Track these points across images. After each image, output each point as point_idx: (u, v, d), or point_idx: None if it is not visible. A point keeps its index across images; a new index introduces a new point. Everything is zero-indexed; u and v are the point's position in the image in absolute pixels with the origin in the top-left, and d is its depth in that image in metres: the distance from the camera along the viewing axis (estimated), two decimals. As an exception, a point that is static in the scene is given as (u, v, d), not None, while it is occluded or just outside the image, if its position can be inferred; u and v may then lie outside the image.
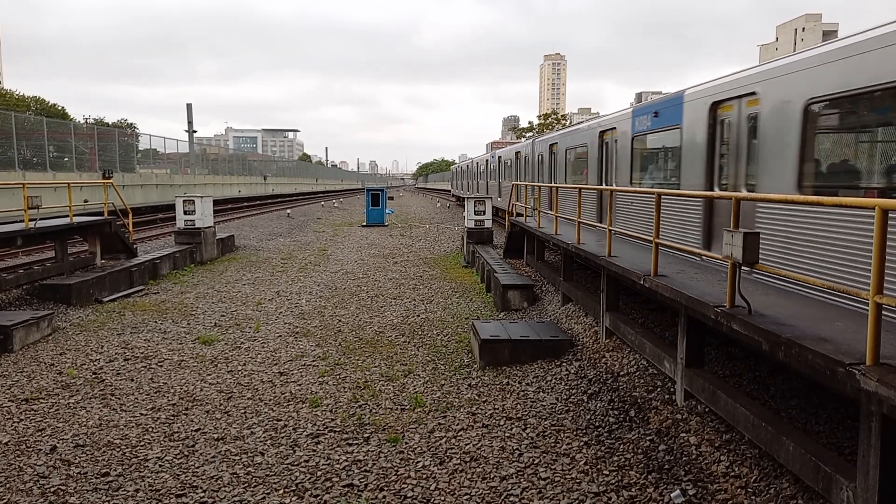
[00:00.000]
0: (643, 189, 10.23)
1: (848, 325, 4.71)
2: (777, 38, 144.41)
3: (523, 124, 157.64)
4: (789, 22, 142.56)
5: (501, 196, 27.19)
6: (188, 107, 45.06)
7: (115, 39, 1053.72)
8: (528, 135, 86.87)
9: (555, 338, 9.18)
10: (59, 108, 50.91)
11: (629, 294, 10.45)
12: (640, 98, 12.27)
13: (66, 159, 28.45)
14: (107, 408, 7.35)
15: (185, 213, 19.40)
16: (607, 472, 5.64)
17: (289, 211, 40.56)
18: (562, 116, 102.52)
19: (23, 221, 12.90)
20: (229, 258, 20.11)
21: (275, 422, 6.97)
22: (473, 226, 20.00)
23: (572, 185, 14.12)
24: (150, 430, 6.74)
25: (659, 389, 7.19)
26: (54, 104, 50.75)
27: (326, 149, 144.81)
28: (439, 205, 57.06)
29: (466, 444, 6.34)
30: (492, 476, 5.68)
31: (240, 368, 8.85)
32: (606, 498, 5.23)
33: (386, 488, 5.49)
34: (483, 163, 36.25)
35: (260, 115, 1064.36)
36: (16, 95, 48.25)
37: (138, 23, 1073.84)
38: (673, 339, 7.82)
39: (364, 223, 33.10)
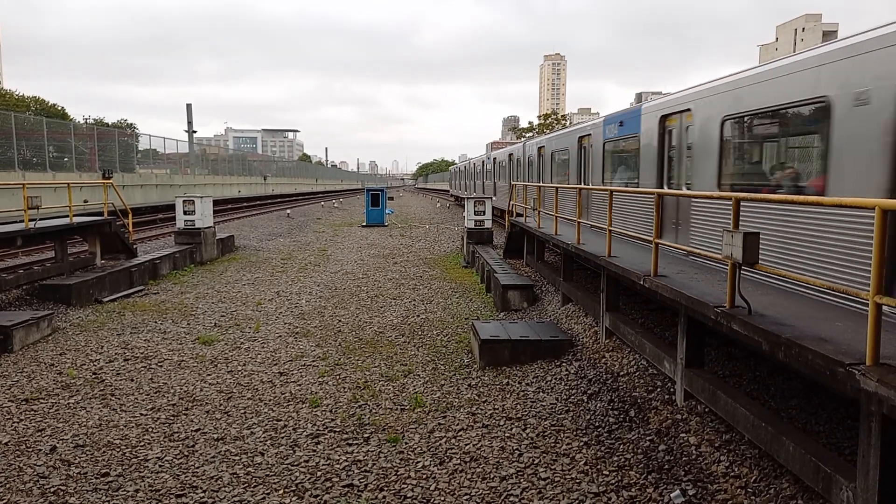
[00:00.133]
0: (615, 188, 11.30)
1: (848, 325, 4.72)
2: (777, 38, 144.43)
3: (523, 124, 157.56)
4: (789, 22, 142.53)
5: (497, 195, 28.59)
6: (188, 107, 45.06)
7: (114, 39, 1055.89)
8: (527, 135, 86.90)
9: (555, 338, 9.19)
10: (59, 108, 50.81)
11: (629, 294, 10.46)
12: (640, 98, 12.40)
13: (65, 159, 28.44)
14: (107, 408, 7.35)
15: (184, 213, 19.40)
16: (607, 473, 5.64)
17: (289, 211, 40.58)
18: (562, 117, 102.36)
19: (23, 221, 12.91)
20: (229, 258, 20.12)
21: (275, 422, 6.97)
22: (473, 226, 20.01)
23: (556, 184, 15.42)
24: (149, 430, 6.74)
25: (659, 389, 7.19)
26: (54, 104, 50.67)
27: (326, 149, 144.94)
28: (439, 205, 57.06)
29: (466, 445, 6.34)
30: (492, 476, 5.68)
31: (240, 369, 8.85)
32: (606, 498, 5.23)
33: (386, 488, 5.50)
34: (480, 164, 37.80)
35: (260, 115, 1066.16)
36: (16, 95, 48.16)
37: (138, 23, 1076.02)
38: (673, 340, 7.82)
39: (364, 223, 33.10)
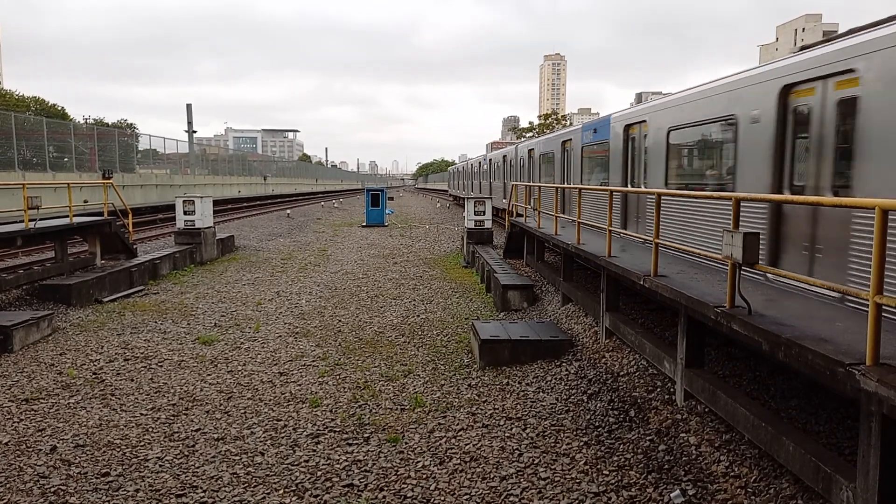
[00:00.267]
0: (591, 186, 13.05)
1: (848, 325, 4.72)
2: (777, 38, 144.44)
3: (523, 124, 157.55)
4: (789, 22, 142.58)
5: (493, 195, 29.79)
6: (188, 107, 45.06)
7: (115, 39, 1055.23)
8: (527, 135, 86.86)
9: (555, 338, 9.19)
10: (59, 108, 50.74)
11: (629, 294, 10.46)
12: (640, 98, 12.51)
13: (65, 159, 28.44)
14: (107, 408, 7.35)
15: (184, 213, 19.40)
16: (607, 472, 5.64)
17: (289, 211, 40.58)
18: (562, 117, 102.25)
19: (23, 221, 12.91)
20: (229, 258, 20.12)
21: (275, 422, 6.97)
22: (473, 226, 20.01)
23: (544, 184, 17.29)
24: (150, 430, 6.74)
25: (659, 389, 7.19)
26: (54, 104, 50.60)
27: (326, 149, 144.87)
28: (439, 205, 57.07)
29: (466, 444, 6.34)
30: (492, 476, 5.68)
31: (240, 369, 8.85)
32: (606, 498, 5.23)
33: (386, 488, 5.50)
34: (476, 165, 39.68)
35: (260, 115, 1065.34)
36: (15, 96, 48.12)
37: (138, 23, 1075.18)
38: (673, 340, 7.82)
39: (364, 223, 33.10)
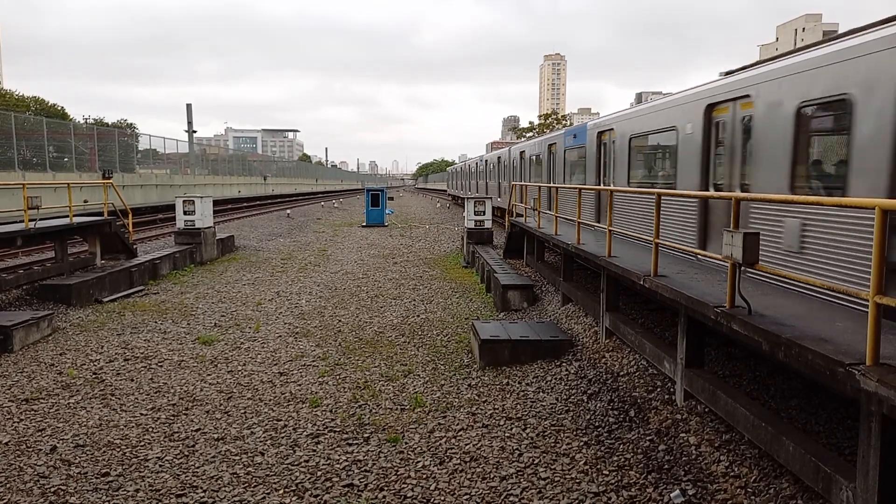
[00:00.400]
0: (572, 185, 14.75)
1: (848, 326, 4.72)
2: (777, 38, 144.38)
3: (524, 124, 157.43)
4: (789, 22, 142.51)
5: (489, 194, 31.07)
6: (188, 107, 45.06)
7: (114, 39, 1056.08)
8: (528, 134, 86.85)
9: (555, 338, 9.19)
10: (59, 108, 50.76)
11: (629, 294, 10.46)
12: (640, 98, 12.68)
13: (65, 159, 28.43)
14: (107, 408, 7.35)
15: (184, 213, 19.39)
16: (607, 472, 5.64)
17: (289, 211, 40.58)
18: (562, 117, 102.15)
19: (23, 221, 12.91)
20: (229, 258, 20.12)
21: (275, 422, 6.97)
22: (473, 226, 20.01)
23: (533, 183, 18.91)
24: (150, 430, 6.74)
25: (659, 389, 7.19)
26: (54, 104, 50.60)
27: (326, 149, 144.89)
28: (439, 205, 57.07)
29: (466, 444, 6.35)
30: (492, 476, 5.68)
31: (240, 369, 8.85)
32: (606, 498, 5.23)
33: (386, 488, 5.50)
34: (474, 165, 41.43)
35: (260, 115, 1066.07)
36: (15, 96, 48.11)
37: (138, 23, 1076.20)
38: (673, 340, 7.82)
39: (364, 223, 33.10)
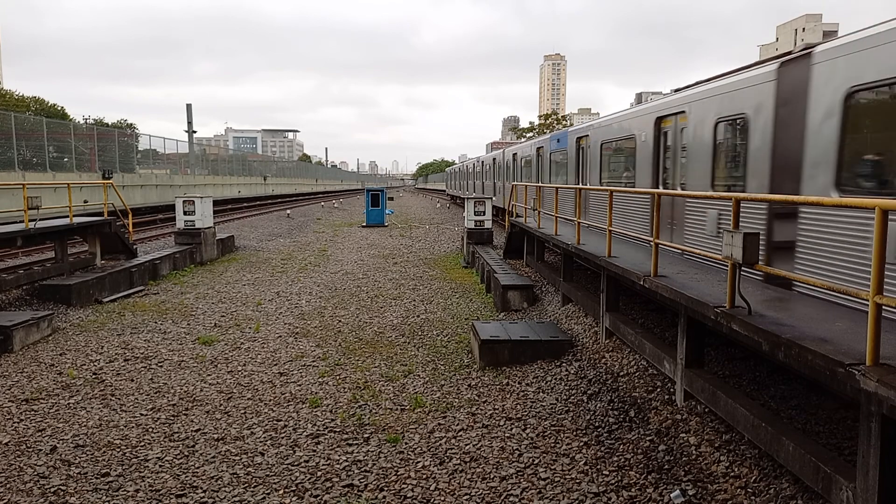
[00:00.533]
0: (560, 185, 15.75)
1: (847, 326, 4.72)
2: (777, 38, 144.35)
3: (524, 124, 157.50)
4: (789, 22, 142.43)
5: (485, 193, 32.69)
6: (188, 107, 45.02)
7: (114, 40, 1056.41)
8: (528, 135, 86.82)
9: (555, 338, 9.19)
10: (59, 108, 50.74)
11: (629, 294, 10.46)
12: (639, 98, 12.51)
13: (65, 160, 28.43)
14: (107, 408, 7.35)
15: (184, 213, 19.39)
16: (607, 473, 5.64)
17: (288, 211, 40.59)
18: (562, 117, 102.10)
19: (23, 222, 12.91)
20: (229, 259, 20.12)
21: (275, 422, 6.97)
22: (473, 226, 20.02)
23: (524, 183, 20.39)
24: (150, 430, 6.74)
25: (659, 390, 7.19)
26: (54, 104, 50.57)
27: (326, 149, 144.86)
28: (439, 205, 57.07)
29: (466, 445, 6.35)
30: (492, 476, 5.68)
31: (240, 369, 8.85)
32: (606, 498, 5.23)
33: (386, 488, 5.50)
34: (471, 166, 42.76)
35: (259, 115, 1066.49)
36: (15, 96, 48.10)
37: (138, 24, 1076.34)
38: (673, 340, 7.82)
39: (364, 224, 33.11)
